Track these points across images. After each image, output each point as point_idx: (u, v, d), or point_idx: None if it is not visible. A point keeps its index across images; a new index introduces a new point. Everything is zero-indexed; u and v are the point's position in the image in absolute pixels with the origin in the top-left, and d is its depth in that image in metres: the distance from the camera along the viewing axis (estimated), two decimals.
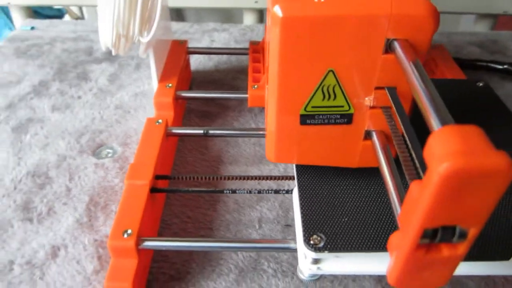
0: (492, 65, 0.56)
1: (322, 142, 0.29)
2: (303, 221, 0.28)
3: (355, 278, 0.35)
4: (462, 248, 0.18)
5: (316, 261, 0.28)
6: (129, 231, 0.31)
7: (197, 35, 0.70)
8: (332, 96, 0.27)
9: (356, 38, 0.25)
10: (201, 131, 0.42)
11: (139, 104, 0.53)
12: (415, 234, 0.18)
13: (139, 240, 0.31)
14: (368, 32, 0.24)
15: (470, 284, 0.34)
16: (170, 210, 0.40)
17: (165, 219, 0.40)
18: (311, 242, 0.27)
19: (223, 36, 0.69)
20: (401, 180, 0.25)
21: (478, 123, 0.36)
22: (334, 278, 0.35)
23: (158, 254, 0.36)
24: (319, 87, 0.26)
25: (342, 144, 0.29)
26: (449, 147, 0.16)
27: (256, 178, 0.40)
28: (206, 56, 0.63)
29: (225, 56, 0.63)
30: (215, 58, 0.63)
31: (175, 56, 0.51)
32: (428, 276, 0.20)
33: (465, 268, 0.27)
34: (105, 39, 0.41)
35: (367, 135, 0.29)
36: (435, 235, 0.18)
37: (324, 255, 0.27)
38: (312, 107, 0.27)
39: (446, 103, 0.38)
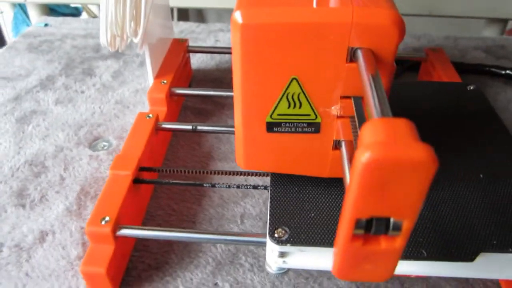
0: (494, 70, 0.55)
1: (291, 150, 0.29)
2: (270, 215, 0.29)
3: (330, 276, 0.35)
4: (399, 241, 0.19)
5: (282, 255, 0.29)
6: (107, 218, 0.32)
7: (203, 35, 0.71)
8: (298, 104, 0.27)
9: (318, 46, 0.24)
10: (190, 127, 0.43)
11: (138, 100, 0.55)
12: (348, 224, 0.18)
13: (116, 227, 0.32)
14: (329, 40, 0.24)
15: None
16: (156, 203, 0.42)
17: (151, 210, 0.41)
18: (276, 235, 0.27)
19: (227, 36, 0.70)
20: None
21: (462, 126, 0.36)
22: (309, 275, 0.35)
23: (140, 244, 0.37)
24: (283, 94, 0.26)
25: (311, 154, 0.29)
26: (374, 138, 0.16)
27: (242, 174, 0.40)
28: (209, 56, 0.64)
29: (227, 56, 0.64)
30: (217, 57, 0.64)
31: (174, 54, 0.53)
32: (371, 269, 0.20)
33: (427, 268, 0.27)
34: (102, 38, 0.43)
35: (338, 145, 0.29)
36: (369, 227, 0.18)
37: (289, 248, 0.28)
38: (278, 114, 0.27)
39: (432, 105, 0.38)
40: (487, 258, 0.27)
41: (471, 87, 0.39)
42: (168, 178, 0.42)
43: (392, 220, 0.18)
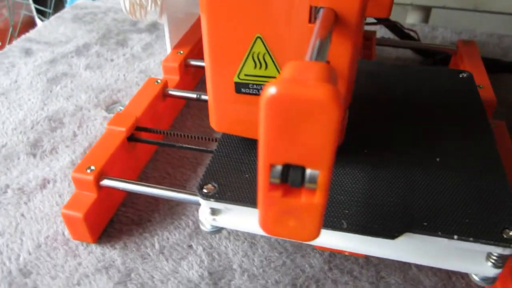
0: None
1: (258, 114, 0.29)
2: (205, 172, 0.28)
3: (304, 254, 0.34)
4: (318, 196, 0.18)
5: (213, 212, 0.28)
6: (92, 167, 0.34)
7: None
8: (264, 65, 0.26)
9: (281, 4, 0.23)
10: (195, 95, 0.44)
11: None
12: (264, 170, 0.17)
13: (100, 177, 0.34)
14: None
15: (426, 282, 0.32)
16: (154, 165, 0.43)
17: (147, 171, 0.42)
18: (204, 190, 0.27)
19: None
20: None
21: (440, 110, 0.33)
22: (283, 250, 0.34)
23: (129, 200, 0.39)
24: (249, 54, 0.26)
25: None
26: (284, 76, 0.16)
27: None
28: None
29: None
30: None
31: (196, 28, 0.53)
32: (295, 226, 0.19)
33: (349, 242, 0.27)
34: (122, 6, 0.45)
35: None
36: (286, 176, 0.18)
37: (216, 204, 0.27)
38: (245, 75, 0.27)
39: (416, 88, 0.36)
40: (414, 240, 0.25)
41: (464, 75, 0.37)
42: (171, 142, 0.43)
43: (307, 171, 0.17)
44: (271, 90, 0.15)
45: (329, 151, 0.16)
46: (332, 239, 0.27)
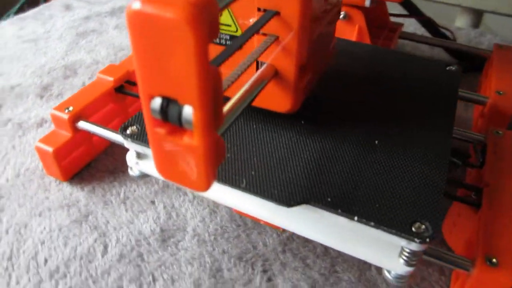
0: None
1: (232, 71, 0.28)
2: (135, 115, 0.28)
3: (261, 231, 0.33)
4: (196, 138, 0.17)
5: (138, 156, 0.28)
6: (70, 108, 0.35)
7: None
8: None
9: None
10: None
11: None
12: (144, 101, 0.17)
13: (76, 118, 0.35)
14: None
15: (382, 287, 0.30)
16: None
17: None
18: (127, 131, 0.27)
19: None
20: None
21: (408, 97, 0.31)
22: (242, 224, 0.33)
23: (110, 150, 0.40)
24: None
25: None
26: None
27: None
28: None
29: None
30: None
31: None
32: (183, 170, 0.18)
33: (248, 205, 0.25)
34: None
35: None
36: (165, 111, 0.17)
37: (139, 148, 0.26)
38: None
39: (393, 74, 0.33)
40: (316, 215, 0.23)
41: (452, 68, 0.33)
42: None
43: (184, 108, 0.16)
44: (134, 4, 0.14)
45: (195, 84, 0.15)
46: (234, 199, 0.25)
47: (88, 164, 0.38)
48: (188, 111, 0.16)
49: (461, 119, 0.45)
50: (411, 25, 0.61)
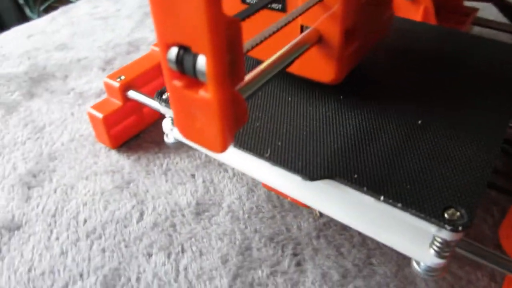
0: None
1: (262, 31, 0.26)
2: None
3: (297, 214, 0.31)
4: (210, 90, 0.16)
5: (172, 122, 0.27)
6: (122, 77, 0.36)
7: None
8: None
9: None
10: None
11: None
12: (161, 51, 0.16)
13: (126, 87, 0.36)
14: None
15: (421, 286, 0.27)
16: None
17: None
18: (163, 96, 0.27)
19: None
20: None
21: (471, 82, 0.28)
22: (279, 205, 0.32)
23: (159, 122, 0.40)
24: None
25: (281, 40, 0.25)
26: None
27: None
28: None
29: None
30: None
31: None
32: (199, 127, 0.18)
33: (271, 176, 0.24)
34: None
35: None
36: (180, 61, 0.16)
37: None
38: None
39: (463, 56, 0.29)
40: (341, 193, 0.21)
41: None
42: None
43: (198, 57, 0.15)
44: None
45: (206, 30, 0.14)
46: (259, 170, 0.24)
47: (137, 134, 0.39)
48: (201, 60, 0.15)
49: None
50: (492, 13, 0.56)
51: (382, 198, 0.19)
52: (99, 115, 0.35)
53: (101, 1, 0.64)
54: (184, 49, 0.16)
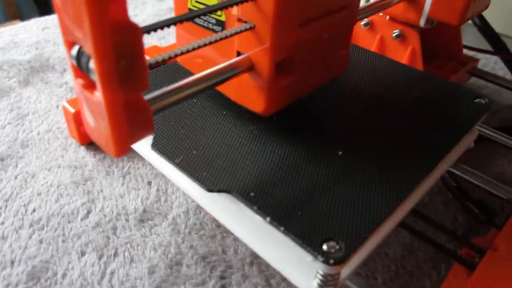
0: None
1: (203, 54, 0.26)
2: None
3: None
4: (100, 91, 0.16)
5: None
6: None
7: None
8: None
9: None
10: None
11: None
12: (66, 47, 0.17)
13: None
14: None
15: None
16: None
17: None
18: None
19: None
20: None
21: (410, 119, 0.28)
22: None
23: None
24: None
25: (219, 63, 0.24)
26: None
27: None
28: None
29: None
30: None
31: None
32: (98, 128, 0.18)
33: (179, 178, 0.24)
34: None
35: None
36: (79, 59, 0.16)
37: None
38: (196, 1, 0.25)
39: (412, 95, 0.30)
40: (235, 205, 0.22)
41: (482, 101, 0.28)
42: None
43: (84, 53, 0.16)
44: None
45: (89, 28, 0.14)
46: (172, 172, 0.25)
47: None
48: (88, 57, 0.16)
49: (503, 173, 0.38)
50: (502, 68, 0.54)
51: (268, 219, 0.20)
52: (71, 110, 0.36)
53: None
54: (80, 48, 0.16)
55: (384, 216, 0.20)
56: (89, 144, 0.39)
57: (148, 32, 0.18)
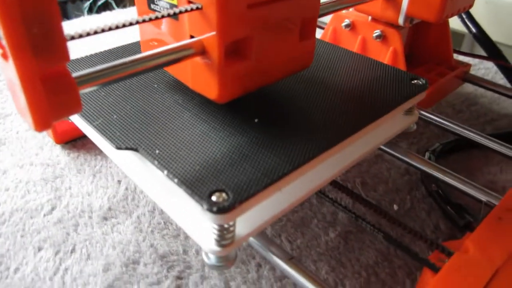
0: None
1: (159, 36, 0.26)
2: None
3: None
4: (11, 57, 0.15)
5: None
6: None
7: None
8: None
9: None
10: None
11: None
12: None
13: None
14: None
15: None
16: None
17: None
18: None
19: None
20: None
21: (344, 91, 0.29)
22: None
23: None
24: None
25: None
26: None
27: None
28: None
29: None
30: None
31: None
32: (20, 101, 0.17)
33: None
34: None
35: None
36: None
37: None
38: None
39: (349, 72, 0.31)
40: (142, 162, 0.24)
41: (419, 82, 0.29)
42: None
43: None
44: None
45: None
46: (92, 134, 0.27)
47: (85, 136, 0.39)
48: None
49: (495, 181, 0.36)
50: (498, 74, 0.52)
51: (165, 172, 0.21)
52: None
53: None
54: None
55: (279, 175, 0.20)
56: (65, 143, 0.38)
57: None
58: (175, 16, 0.23)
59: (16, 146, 0.38)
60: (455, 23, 0.48)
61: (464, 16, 0.48)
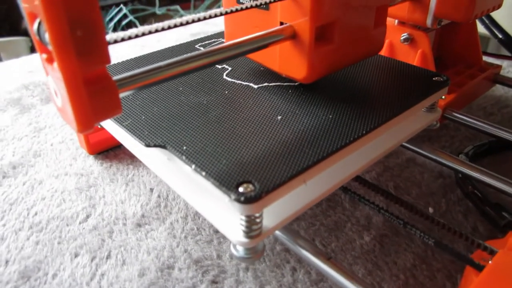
0: None
1: (250, 28, 0.28)
2: None
3: None
4: (56, 62, 0.16)
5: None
6: None
7: None
8: None
9: None
10: None
11: None
12: (29, 21, 0.17)
13: None
14: None
15: None
16: None
17: None
18: None
19: None
20: None
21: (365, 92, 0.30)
22: None
23: None
24: None
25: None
26: None
27: None
28: None
29: None
30: None
31: None
32: (62, 103, 0.18)
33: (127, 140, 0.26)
34: None
35: None
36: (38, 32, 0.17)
37: None
38: None
39: (370, 73, 0.32)
40: (170, 159, 0.25)
41: (441, 79, 0.29)
42: None
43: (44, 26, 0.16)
44: None
45: None
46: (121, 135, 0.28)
47: (118, 146, 0.40)
48: (43, 28, 0.16)
49: None
50: None
51: (193, 166, 0.21)
52: None
53: None
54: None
55: (304, 167, 0.21)
56: (98, 153, 0.39)
57: None
58: (266, 6, 0.25)
59: (51, 157, 0.39)
60: (478, 27, 0.47)
61: (487, 21, 0.47)
